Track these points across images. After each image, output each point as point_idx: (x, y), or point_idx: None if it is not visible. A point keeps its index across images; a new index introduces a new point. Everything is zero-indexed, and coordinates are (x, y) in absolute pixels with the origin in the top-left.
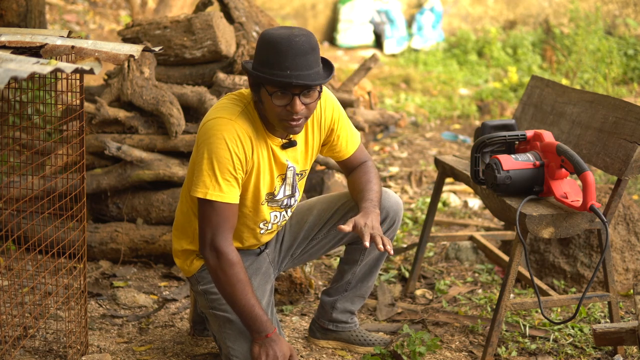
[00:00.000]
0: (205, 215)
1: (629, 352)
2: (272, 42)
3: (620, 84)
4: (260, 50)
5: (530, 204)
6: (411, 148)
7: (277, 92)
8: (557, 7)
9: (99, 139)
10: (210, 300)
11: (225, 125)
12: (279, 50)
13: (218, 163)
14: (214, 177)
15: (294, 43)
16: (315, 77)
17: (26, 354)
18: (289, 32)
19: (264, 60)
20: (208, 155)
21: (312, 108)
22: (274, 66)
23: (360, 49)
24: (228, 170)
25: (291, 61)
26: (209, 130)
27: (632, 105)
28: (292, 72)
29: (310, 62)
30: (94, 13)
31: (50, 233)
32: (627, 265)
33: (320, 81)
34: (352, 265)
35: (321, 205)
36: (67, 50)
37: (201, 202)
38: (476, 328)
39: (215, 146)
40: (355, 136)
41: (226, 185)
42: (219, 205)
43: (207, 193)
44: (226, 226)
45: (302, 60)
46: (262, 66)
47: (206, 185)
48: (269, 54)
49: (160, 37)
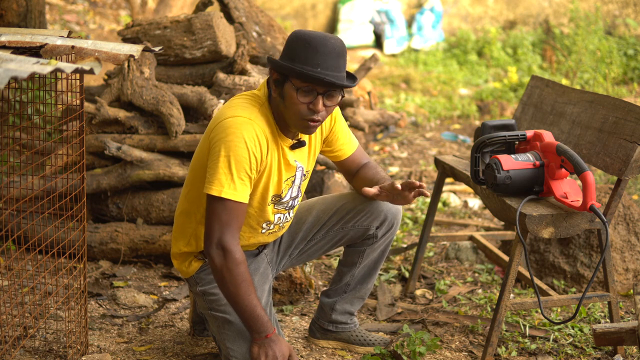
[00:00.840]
0: (216, 213)
1: (629, 352)
2: (306, 40)
3: (620, 84)
4: (291, 46)
5: (530, 204)
6: (411, 148)
7: (304, 87)
8: (557, 7)
9: (99, 139)
10: (209, 302)
11: (244, 124)
12: (313, 47)
13: (236, 162)
14: (229, 176)
15: (328, 43)
16: (343, 79)
17: (26, 354)
18: (322, 34)
19: (295, 55)
20: (225, 153)
21: (330, 112)
22: (306, 61)
23: (360, 49)
24: (244, 170)
25: (323, 59)
26: (228, 128)
27: (632, 105)
28: (322, 70)
29: (340, 64)
30: (94, 13)
31: (50, 233)
32: (627, 265)
33: (347, 83)
34: (351, 267)
35: (320, 206)
36: (67, 50)
37: (213, 199)
38: (476, 328)
39: (234, 144)
40: (353, 137)
41: (240, 184)
42: (230, 204)
43: (222, 191)
44: (235, 225)
45: (333, 61)
46: (292, 61)
47: (222, 183)
48: (302, 50)
49: (160, 37)
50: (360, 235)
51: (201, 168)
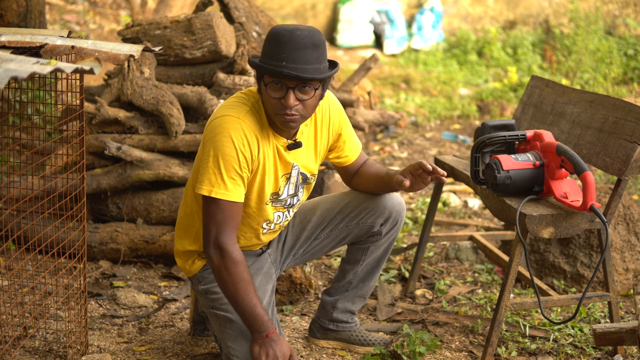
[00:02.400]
0: (210, 213)
1: (629, 352)
2: (274, 35)
3: (620, 84)
4: (265, 42)
5: (530, 204)
6: (411, 148)
7: (272, 82)
8: (557, 7)
9: (99, 139)
10: (211, 300)
11: (232, 123)
12: (279, 41)
13: (224, 161)
14: (219, 175)
15: (295, 36)
16: (311, 71)
17: (26, 354)
18: (293, 27)
19: (266, 51)
20: (214, 153)
21: (310, 106)
22: (272, 57)
23: (360, 49)
24: (234, 169)
25: (288, 53)
26: (216, 128)
27: (632, 105)
28: (287, 63)
29: (308, 57)
30: (94, 13)
31: (50, 233)
32: (627, 265)
33: (313, 76)
34: (354, 265)
35: (324, 205)
36: (67, 50)
37: (206, 199)
38: (476, 328)
39: (221, 144)
40: (358, 142)
41: (231, 183)
42: (223, 204)
43: (212, 191)
44: (230, 225)
45: (300, 54)
46: (263, 57)
47: (211, 183)
48: (270, 45)
49: (160, 37)
50: (365, 232)
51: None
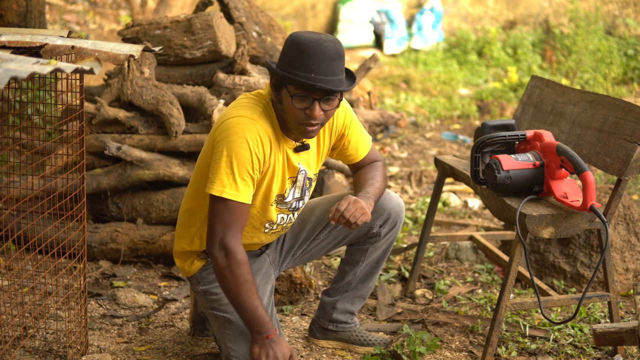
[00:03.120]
0: (218, 213)
1: (629, 352)
2: (300, 44)
3: (620, 84)
4: (287, 51)
5: (530, 204)
6: (411, 148)
7: (299, 94)
8: (557, 7)
9: (99, 139)
10: (210, 301)
11: (247, 124)
12: (307, 52)
13: (237, 162)
14: (231, 176)
15: (323, 47)
16: (338, 83)
17: (26, 354)
18: (317, 37)
19: (290, 60)
20: (227, 153)
21: (330, 116)
22: (300, 67)
23: (360, 49)
24: (246, 170)
25: (317, 65)
26: (230, 128)
27: (632, 105)
28: (316, 75)
29: (335, 68)
30: (94, 13)
31: (50, 233)
32: (627, 265)
33: (342, 88)
34: (353, 265)
35: (323, 206)
36: (67, 50)
37: (215, 199)
38: (476, 328)
39: (236, 145)
40: (367, 140)
41: (242, 184)
42: (233, 204)
43: (224, 191)
44: (238, 226)
45: (328, 66)
46: (287, 67)
47: (223, 184)
48: (296, 55)
49: (160, 37)
50: (364, 234)
51: (206, 167)
